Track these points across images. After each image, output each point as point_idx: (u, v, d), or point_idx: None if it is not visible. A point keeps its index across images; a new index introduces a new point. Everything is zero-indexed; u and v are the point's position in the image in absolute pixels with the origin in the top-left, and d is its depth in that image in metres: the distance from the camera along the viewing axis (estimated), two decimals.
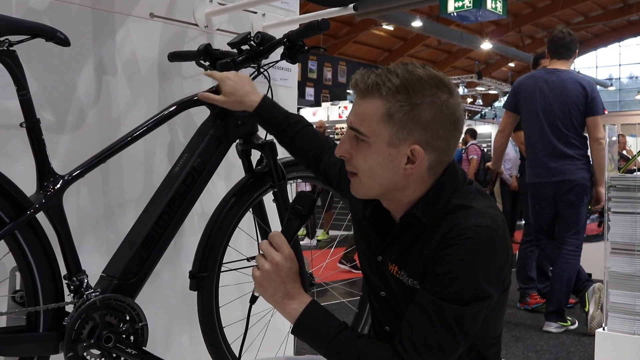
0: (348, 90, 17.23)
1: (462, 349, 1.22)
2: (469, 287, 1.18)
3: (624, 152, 10.90)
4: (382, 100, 1.21)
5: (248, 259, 2.06)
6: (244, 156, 2.06)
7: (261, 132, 2.05)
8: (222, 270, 2.01)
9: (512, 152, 7.71)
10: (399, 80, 1.20)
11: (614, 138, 3.39)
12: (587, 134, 4.00)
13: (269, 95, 2.06)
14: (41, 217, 1.63)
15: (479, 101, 23.46)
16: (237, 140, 2.03)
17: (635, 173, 3.46)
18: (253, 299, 1.35)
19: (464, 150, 10.16)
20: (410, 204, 1.28)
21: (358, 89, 1.25)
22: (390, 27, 21.13)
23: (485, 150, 10.83)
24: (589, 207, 4.05)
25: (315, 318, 1.25)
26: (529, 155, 4.16)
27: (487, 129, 14.25)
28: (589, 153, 3.98)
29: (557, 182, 3.94)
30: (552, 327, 3.99)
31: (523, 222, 6.05)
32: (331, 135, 11.02)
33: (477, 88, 22.69)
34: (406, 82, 1.20)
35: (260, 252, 1.29)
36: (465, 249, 1.18)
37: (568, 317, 4.06)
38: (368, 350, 1.21)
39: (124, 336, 1.70)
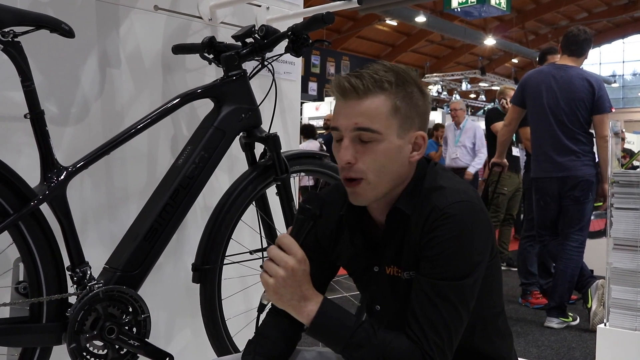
0: None
1: (466, 322, 1.23)
2: (463, 262, 1.21)
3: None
4: (386, 94, 1.24)
5: (251, 252, 2.07)
6: (247, 149, 2.06)
7: (264, 125, 2.06)
8: (224, 262, 2.01)
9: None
10: (391, 74, 1.24)
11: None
12: (593, 131, 3.98)
13: (273, 88, 2.06)
14: (45, 208, 1.63)
15: (482, 97, 23.37)
16: (241, 133, 2.03)
17: (638, 169, 3.45)
18: (261, 308, 1.25)
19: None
20: (395, 199, 1.29)
21: (358, 90, 1.23)
22: (394, 22, 21.06)
23: None
24: (594, 205, 4.03)
25: (332, 316, 1.23)
26: (534, 150, 4.13)
27: None
28: (594, 149, 3.97)
29: (563, 178, 3.93)
30: (554, 322, 3.99)
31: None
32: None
33: (480, 84, 22.59)
34: (398, 75, 1.25)
35: (268, 257, 1.22)
36: (451, 227, 1.21)
37: (570, 313, 4.05)
38: (389, 340, 1.21)
39: (126, 328, 1.70)
